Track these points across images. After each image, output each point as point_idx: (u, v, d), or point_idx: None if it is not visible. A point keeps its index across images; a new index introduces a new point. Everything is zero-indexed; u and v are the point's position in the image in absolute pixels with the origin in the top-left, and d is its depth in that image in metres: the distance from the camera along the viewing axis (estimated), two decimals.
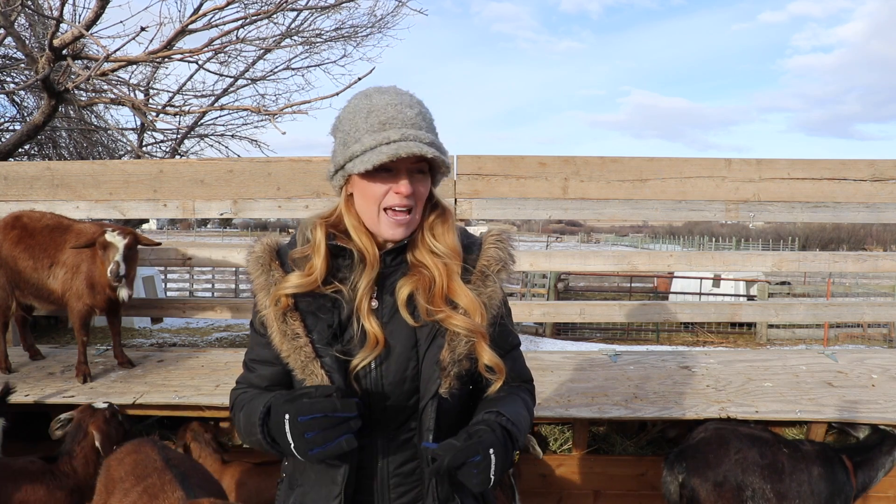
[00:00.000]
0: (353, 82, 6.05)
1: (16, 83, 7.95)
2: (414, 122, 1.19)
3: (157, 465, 2.06)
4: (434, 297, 1.23)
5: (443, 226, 1.28)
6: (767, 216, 3.66)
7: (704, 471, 2.52)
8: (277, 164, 3.67)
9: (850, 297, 15.74)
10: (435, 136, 1.23)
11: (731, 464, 2.51)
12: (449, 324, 1.23)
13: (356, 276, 1.25)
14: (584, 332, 13.54)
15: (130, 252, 2.99)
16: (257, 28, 7.42)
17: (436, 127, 1.26)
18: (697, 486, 2.52)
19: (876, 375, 3.32)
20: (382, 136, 1.16)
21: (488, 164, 3.57)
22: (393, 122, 1.18)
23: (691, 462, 2.57)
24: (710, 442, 2.61)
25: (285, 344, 1.25)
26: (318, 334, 1.25)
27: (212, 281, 20.39)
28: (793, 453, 2.60)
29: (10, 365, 3.37)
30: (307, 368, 1.24)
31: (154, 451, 2.14)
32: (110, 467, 2.14)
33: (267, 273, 1.28)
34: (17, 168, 3.87)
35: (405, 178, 1.19)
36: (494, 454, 1.14)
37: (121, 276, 2.90)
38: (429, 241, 1.27)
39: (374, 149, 1.16)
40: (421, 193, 1.23)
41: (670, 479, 2.60)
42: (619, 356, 3.70)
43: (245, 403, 1.28)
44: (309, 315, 1.26)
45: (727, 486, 2.49)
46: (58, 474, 2.43)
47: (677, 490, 2.57)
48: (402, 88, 1.27)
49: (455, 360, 1.23)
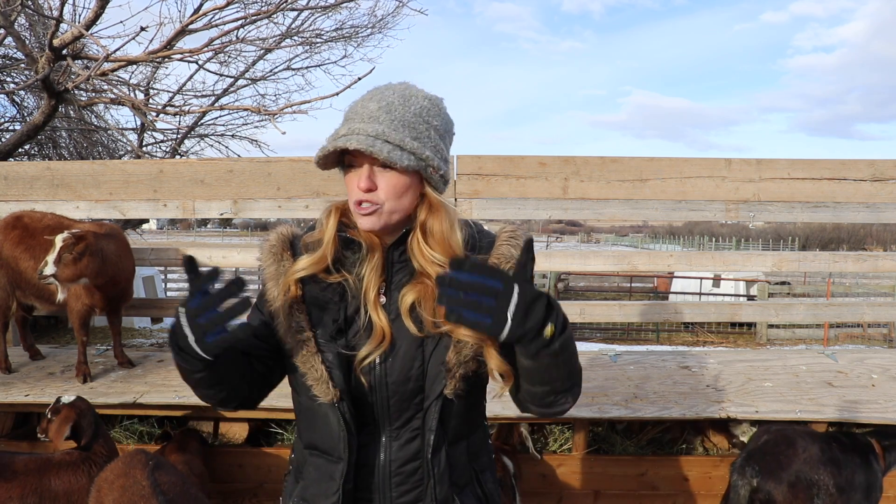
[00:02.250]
0: (353, 82, 6.04)
1: (16, 83, 7.94)
2: (371, 116, 1.17)
3: (145, 492, 2.05)
4: (439, 308, 1.19)
5: (433, 222, 1.23)
6: (767, 216, 3.66)
7: (778, 472, 2.52)
8: (277, 164, 3.67)
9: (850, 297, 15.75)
10: (404, 128, 1.18)
11: (801, 463, 2.51)
12: (457, 334, 1.20)
13: (364, 267, 1.25)
14: (584, 332, 13.54)
15: (68, 255, 2.89)
16: (257, 28, 7.42)
17: (424, 121, 1.21)
18: (773, 489, 2.50)
19: (876, 375, 3.32)
20: (335, 132, 1.18)
21: (488, 164, 3.57)
22: (351, 118, 1.19)
23: (764, 465, 2.56)
24: (777, 443, 2.60)
25: (289, 337, 1.25)
26: (322, 329, 1.25)
27: None
28: (840, 446, 2.63)
29: (10, 365, 3.37)
30: (308, 362, 1.23)
31: (144, 474, 2.10)
32: (101, 490, 2.13)
33: (278, 262, 1.28)
34: (17, 168, 3.87)
35: (365, 170, 1.19)
36: (519, 294, 1.02)
37: (45, 274, 2.84)
38: (423, 248, 1.23)
39: (324, 146, 1.19)
40: (387, 186, 1.19)
41: (742, 483, 2.57)
42: (619, 356, 3.70)
43: None
44: (315, 308, 1.26)
45: (800, 485, 2.49)
46: (95, 461, 2.48)
47: (748, 494, 2.56)
48: (411, 84, 1.25)
49: (461, 361, 1.22)
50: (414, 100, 1.21)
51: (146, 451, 2.28)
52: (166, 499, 2.03)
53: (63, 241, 2.88)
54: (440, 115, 1.25)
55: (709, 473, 3.16)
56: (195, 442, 3.10)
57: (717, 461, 3.19)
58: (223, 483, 3.25)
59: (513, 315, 1.03)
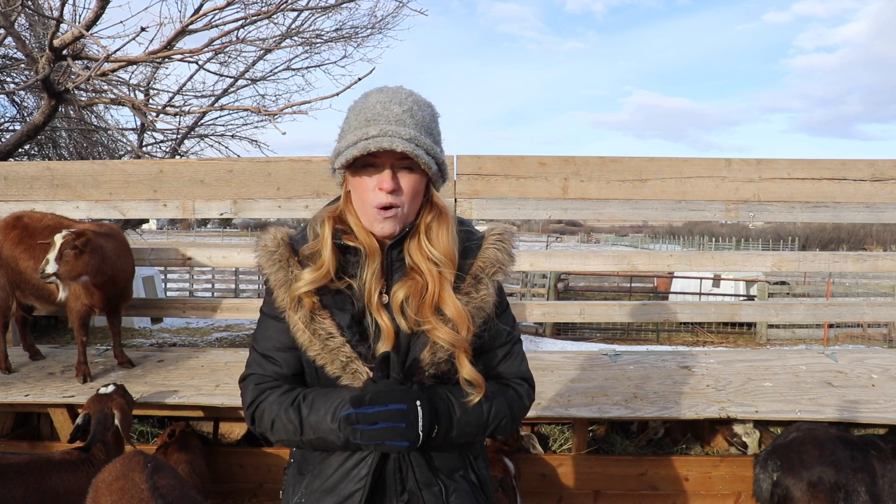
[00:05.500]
0: (353, 83, 6.05)
1: (16, 83, 7.94)
2: (398, 119, 1.20)
3: (143, 495, 2.04)
4: (424, 305, 1.26)
5: (439, 227, 1.29)
6: (767, 216, 3.66)
7: (799, 470, 2.52)
8: (277, 164, 3.67)
9: (850, 297, 15.74)
10: (426, 134, 1.23)
11: (826, 464, 2.51)
12: (434, 335, 1.25)
13: (364, 272, 1.28)
14: (584, 332, 13.54)
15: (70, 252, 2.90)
16: (257, 28, 7.42)
17: (434, 127, 1.27)
18: (792, 486, 2.51)
19: (876, 375, 3.32)
20: (363, 132, 1.19)
21: (488, 164, 3.57)
22: (377, 119, 1.21)
23: (785, 461, 2.57)
24: (803, 442, 2.60)
25: (317, 343, 1.26)
26: (349, 332, 1.28)
27: (212, 281, 20.38)
28: (878, 454, 2.61)
29: (10, 365, 3.37)
30: (349, 367, 1.26)
31: (143, 476, 2.10)
32: (99, 492, 2.13)
33: (286, 269, 1.29)
34: (17, 168, 3.87)
35: (389, 172, 1.22)
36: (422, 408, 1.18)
37: (47, 273, 2.83)
38: (424, 245, 1.27)
39: (354, 144, 1.20)
40: (409, 189, 1.24)
41: (763, 476, 2.60)
42: (619, 356, 3.70)
43: (301, 400, 1.28)
44: (337, 312, 1.28)
45: (821, 486, 2.49)
46: (94, 462, 2.48)
47: (769, 488, 2.57)
48: (408, 87, 1.28)
49: (434, 362, 1.27)
50: (424, 105, 1.26)
51: (145, 452, 2.28)
52: (165, 502, 2.02)
53: (63, 238, 2.88)
54: (437, 121, 1.30)
55: (709, 473, 3.16)
56: (197, 441, 3.10)
57: (717, 461, 3.19)
58: (223, 483, 3.25)
59: (423, 429, 1.17)
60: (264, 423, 1.29)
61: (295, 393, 1.29)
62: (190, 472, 2.84)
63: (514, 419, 1.35)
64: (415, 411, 1.16)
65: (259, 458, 3.27)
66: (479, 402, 1.28)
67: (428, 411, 1.18)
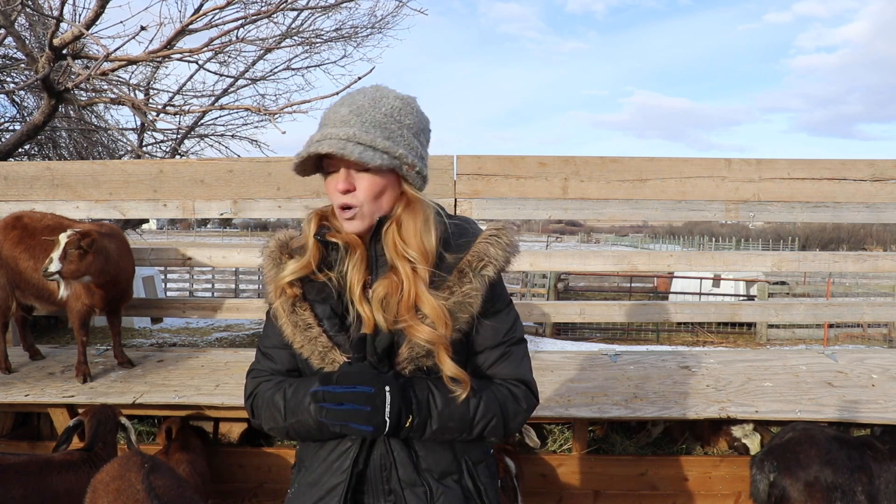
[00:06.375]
0: (352, 82, 6.04)
1: (16, 83, 7.94)
2: (343, 120, 1.22)
3: (140, 496, 2.04)
4: (401, 304, 1.25)
5: (408, 219, 1.26)
6: (767, 216, 3.66)
7: (796, 470, 2.53)
8: (277, 164, 3.67)
9: (850, 297, 15.74)
10: (376, 129, 1.20)
11: (823, 464, 2.51)
12: (411, 334, 1.24)
13: (346, 265, 1.30)
14: (584, 332, 13.53)
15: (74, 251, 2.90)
16: (257, 28, 7.43)
17: (394, 122, 1.23)
18: (788, 486, 2.52)
19: (876, 375, 3.32)
20: (311, 139, 1.23)
21: (488, 164, 3.57)
22: (325, 124, 1.24)
23: (782, 461, 2.57)
24: (800, 442, 2.60)
25: (298, 335, 1.30)
26: (328, 322, 1.30)
27: (212, 281, 20.39)
28: (875, 454, 2.61)
29: (10, 365, 3.36)
30: (327, 357, 1.28)
31: (139, 477, 2.10)
32: (96, 492, 2.13)
33: (277, 266, 1.34)
34: (17, 168, 3.87)
35: (343, 173, 1.24)
36: (391, 394, 1.18)
37: (51, 271, 2.84)
38: (397, 242, 1.26)
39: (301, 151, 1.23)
40: (364, 187, 1.24)
41: (760, 476, 2.60)
42: (619, 356, 3.70)
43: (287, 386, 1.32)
44: (318, 304, 1.32)
45: (818, 486, 2.49)
46: (96, 462, 2.50)
47: (766, 488, 2.57)
48: (382, 86, 1.29)
49: (412, 357, 1.26)
50: (384, 101, 1.25)
51: (143, 453, 2.28)
52: (161, 502, 2.02)
53: (68, 238, 2.89)
54: (413, 114, 1.28)
55: (709, 473, 3.16)
56: (198, 441, 3.10)
57: (717, 461, 3.19)
58: (223, 483, 3.25)
59: (389, 415, 1.17)
60: (258, 412, 1.36)
61: (284, 381, 1.34)
62: (191, 472, 2.84)
63: (508, 420, 1.30)
64: (382, 395, 1.17)
65: (259, 458, 3.27)
66: (465, 397, 1.25)
67: (397, 398, 1.18)
